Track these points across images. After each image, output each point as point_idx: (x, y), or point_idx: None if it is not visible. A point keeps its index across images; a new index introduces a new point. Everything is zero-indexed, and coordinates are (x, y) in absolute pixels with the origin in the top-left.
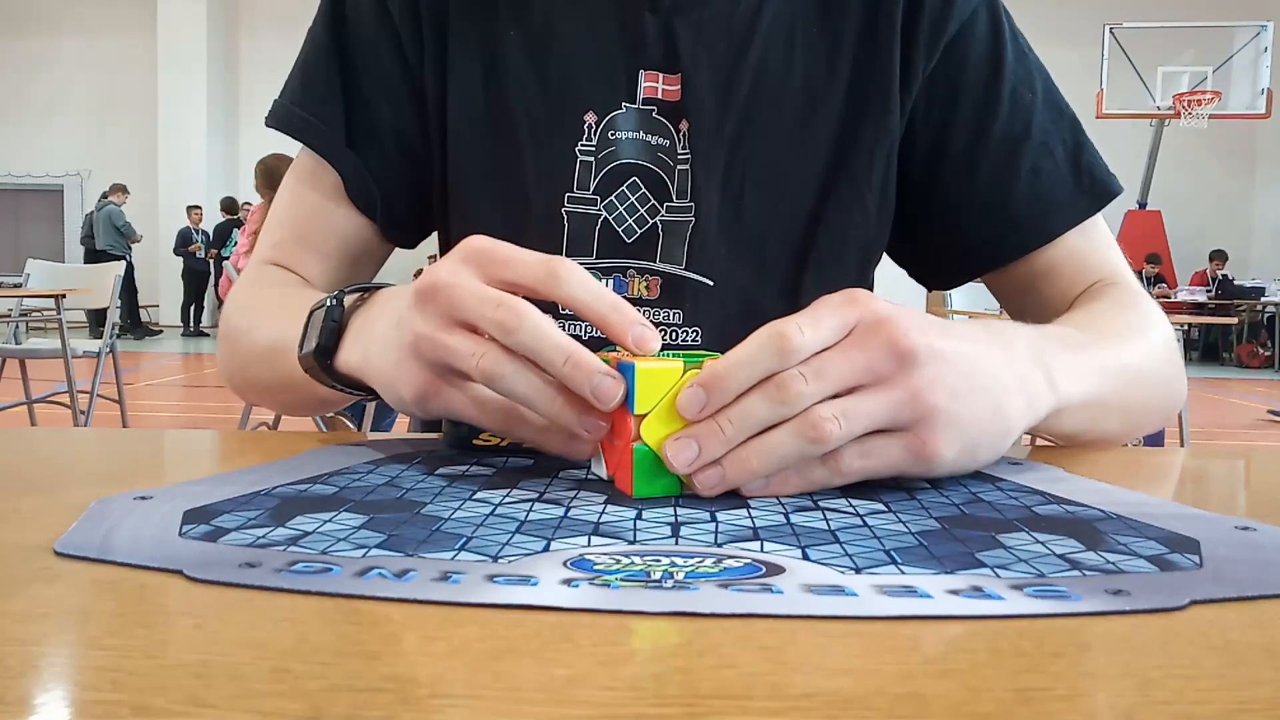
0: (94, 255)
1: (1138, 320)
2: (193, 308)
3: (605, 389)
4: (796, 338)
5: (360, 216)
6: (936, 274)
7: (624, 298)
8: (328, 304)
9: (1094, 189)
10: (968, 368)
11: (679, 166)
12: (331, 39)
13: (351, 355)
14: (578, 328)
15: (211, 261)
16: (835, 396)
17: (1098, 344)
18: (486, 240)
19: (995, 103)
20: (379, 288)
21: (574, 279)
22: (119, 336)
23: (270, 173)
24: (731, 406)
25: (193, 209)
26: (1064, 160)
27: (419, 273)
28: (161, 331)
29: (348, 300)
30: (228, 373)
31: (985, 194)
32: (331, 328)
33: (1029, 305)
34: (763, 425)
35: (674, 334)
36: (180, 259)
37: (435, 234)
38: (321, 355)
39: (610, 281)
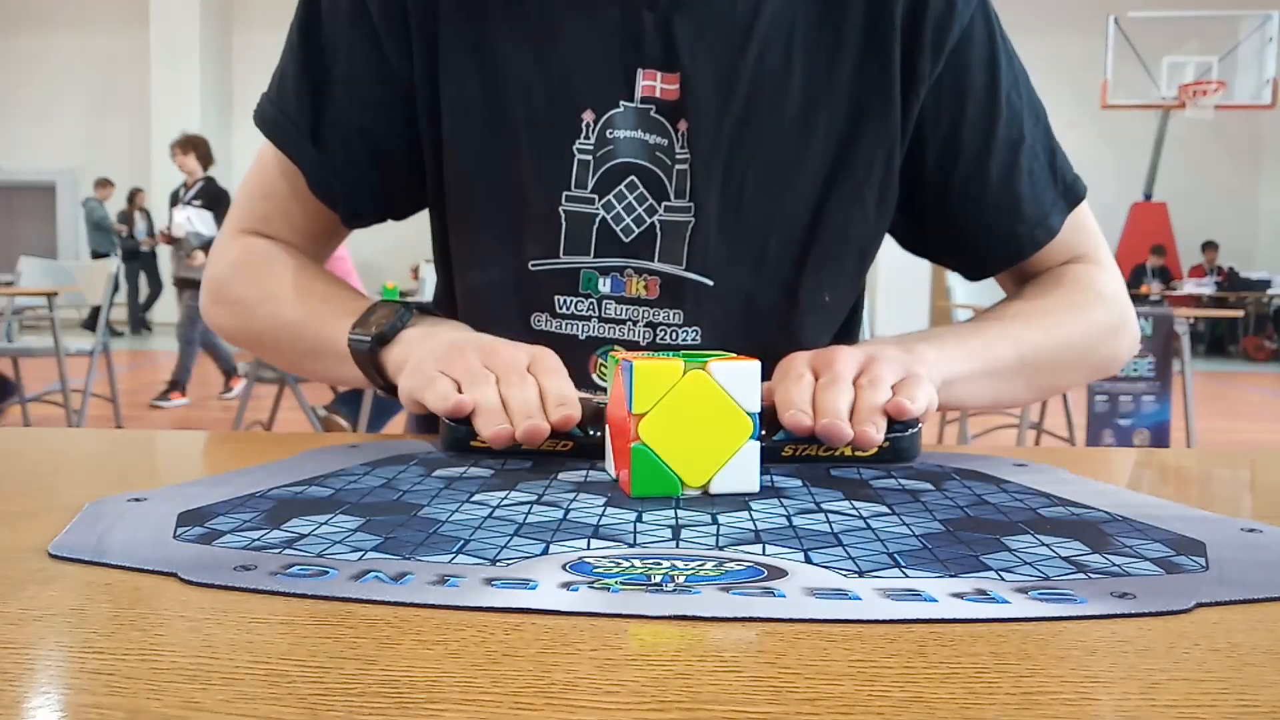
0: (97, 256)
1: (1070, 296)
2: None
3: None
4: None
5: (322, 205)
6: (962, 270)
7: (622, 298)
8: (398, 310)
9: (1068, 191)
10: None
11: (677, 166)
12: (303, 39)
13: (396, 353)
14: (574, 325)
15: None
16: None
17: (976, 333)
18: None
19: (995, 108)
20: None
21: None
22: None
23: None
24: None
25: (137, 191)
26: (1045, 162)
27: (416, 269)
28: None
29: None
30: (227, 331)
31: (995, 198)
32: (397, 326)
33: (1001, 281)
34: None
35: (674, 334)
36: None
37: (432, 234)
38: (377, 343)
39: (608, 281)
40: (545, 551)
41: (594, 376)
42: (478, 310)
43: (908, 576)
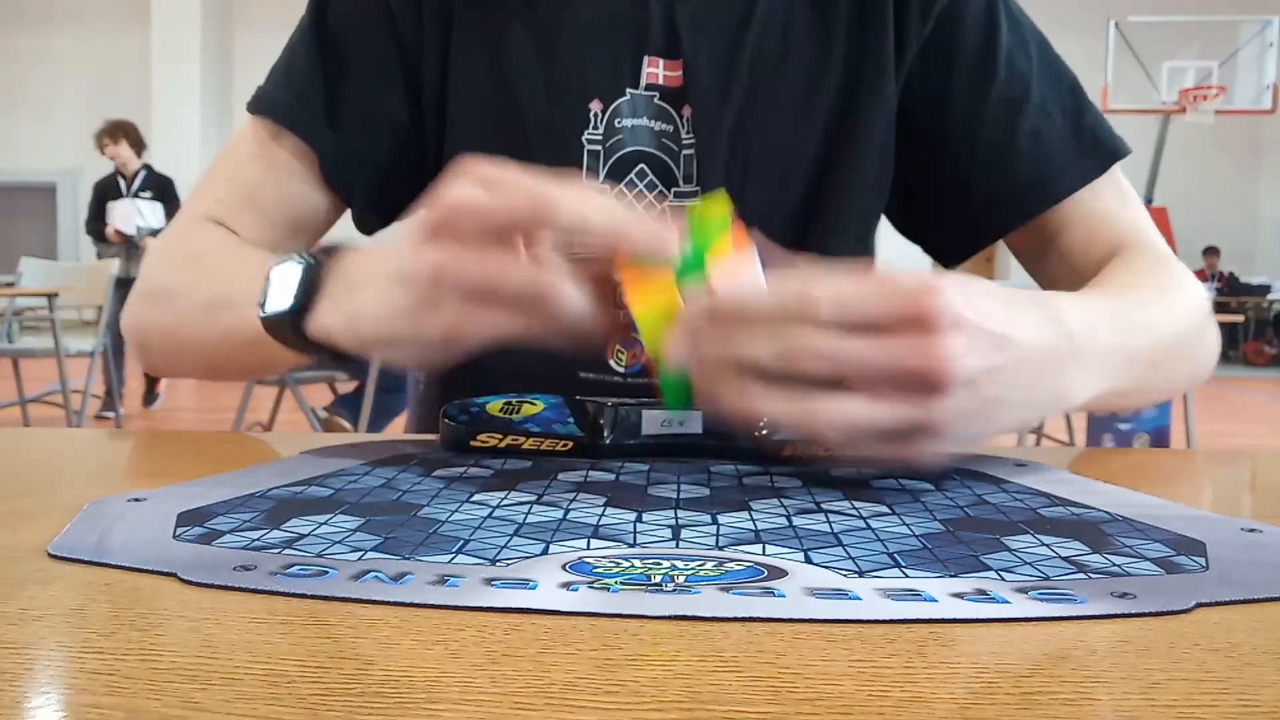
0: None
1: (1161, 289)
2: None
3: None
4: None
5: (321, 194)
6: (949, 245)
7: None
8: (305, 264)
9: (1098, 149)
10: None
11: (684, 151)
12: (318, 25)
13: (330, 319)
14: None
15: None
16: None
17: (1126, 329)
18: (473, 171)
19: (991, 69)
20: (337, 249)
21: (565, 206)
22: None
23: None
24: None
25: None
26: (1063, 123)
27: None
28: None
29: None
30: (145, 330)
31: (986, 160)
32: (308, 288)
33: (1050, 270)
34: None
35: None
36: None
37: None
38: (295, 315)
39: None
40: (545, 551)
41: (611, 362)
42: None
43: (908, 576)
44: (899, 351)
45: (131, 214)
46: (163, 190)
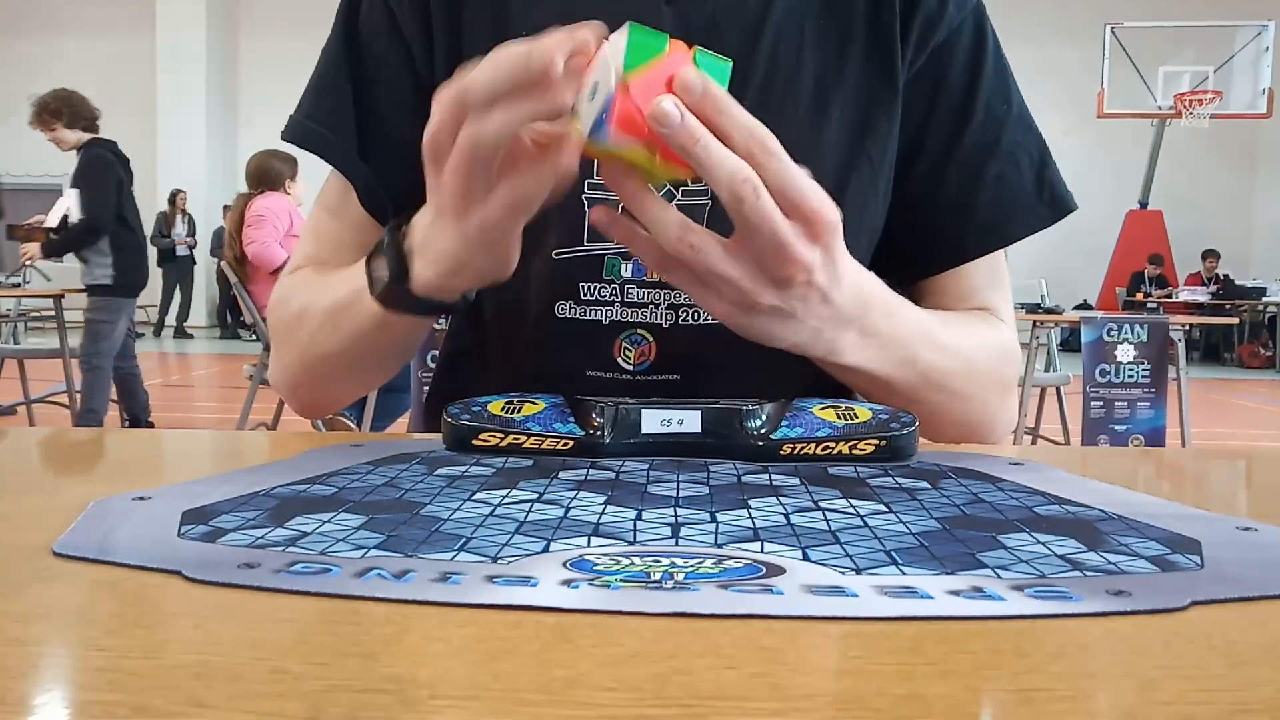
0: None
1: (975, 335)
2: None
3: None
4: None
5: (378, 228)
6: (900, 269)
7: (644, 281)
8: (384, 240)
9: (1053, 202)
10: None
11: None
12: (345, 53)
13: (424, 270)
14: (598, 311)
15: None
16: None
17: (921, 335)
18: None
19: (970, 110)
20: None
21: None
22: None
23: (259, 172)
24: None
25: (178, 193)
26: (1029, 173)
27: None
28: (193, 336)
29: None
30: (287, 368)
31: (952, 195)
32: (398, 256)
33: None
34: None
35: (696, 314)
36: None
37: None
38: (398, 280)
39: (630, 265)
40: (546, 549)
41: (619, 360)
42: (501, 301)
43: (905, 574)
44: (791, 238)
45: (65, 202)
46: (81, 171)
